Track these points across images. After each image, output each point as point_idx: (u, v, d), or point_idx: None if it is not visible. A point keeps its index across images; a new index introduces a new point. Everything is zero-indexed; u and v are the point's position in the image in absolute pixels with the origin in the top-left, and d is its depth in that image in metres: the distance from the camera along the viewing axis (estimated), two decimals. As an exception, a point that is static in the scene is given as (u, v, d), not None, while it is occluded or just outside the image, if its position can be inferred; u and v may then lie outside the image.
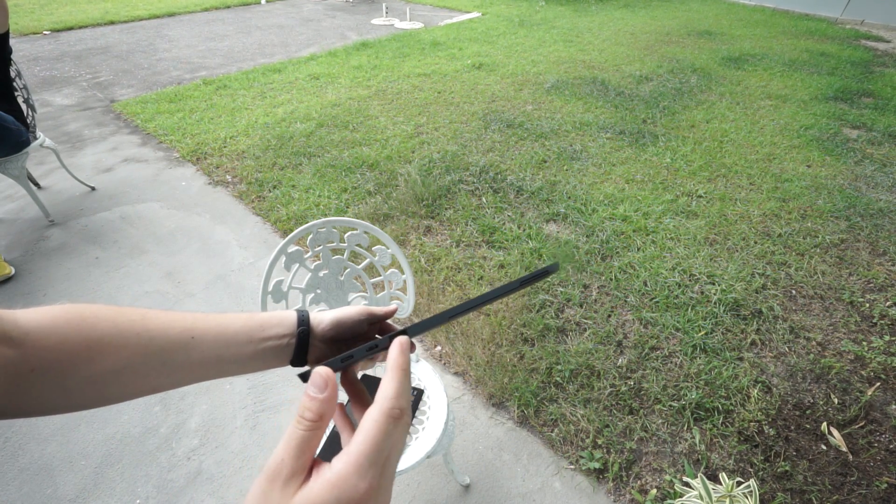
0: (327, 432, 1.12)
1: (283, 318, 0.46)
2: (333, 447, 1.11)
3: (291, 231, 1.29)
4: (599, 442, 1.52)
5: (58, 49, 5.36)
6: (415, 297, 1.24)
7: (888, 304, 2.07)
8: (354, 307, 0.48)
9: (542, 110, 3.87)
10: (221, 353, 0.42)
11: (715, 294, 2.06)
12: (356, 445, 0.25)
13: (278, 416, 1.60)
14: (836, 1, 8.09)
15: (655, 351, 1.82)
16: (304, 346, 0.45)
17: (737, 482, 1.21)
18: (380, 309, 0.48)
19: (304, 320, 0.46)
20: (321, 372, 0.29)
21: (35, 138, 2.40)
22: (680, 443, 1.53)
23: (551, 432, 1.55)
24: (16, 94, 2.31)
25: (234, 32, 6.24)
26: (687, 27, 6.79)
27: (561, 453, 1.51)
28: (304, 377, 0.35)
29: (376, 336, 0.50)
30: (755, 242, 2.41)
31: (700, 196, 2.77)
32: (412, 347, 0.35)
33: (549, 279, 2.13)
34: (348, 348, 0.47)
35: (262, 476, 0.26)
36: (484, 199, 2.68)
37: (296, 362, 0.46)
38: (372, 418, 0.27)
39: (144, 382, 0.40)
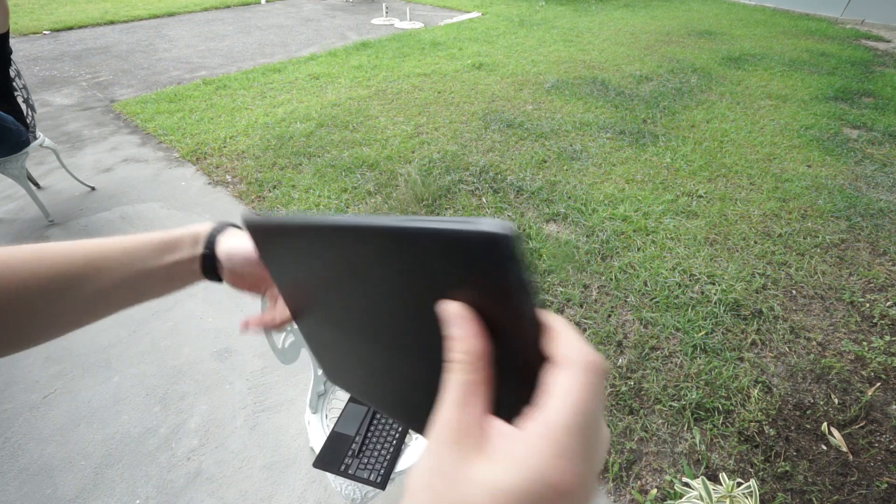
0: (326, 432, 1.12)
1: (195, 236, 0.45)
2: (336, 448, 1.09)
3: (291, 231, 1.29)
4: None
5: (57, 49, 5.36)
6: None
7: (888, 304, 2.07)
8: (248, 247, 0.44)
9: (542, 110, 3.86)
10: (133, 280, 0.42)
11: (715, 294, 2.06)
12: (556, 414, 0.18)
13: (278, 416, 1.60)
14: (836, 1, 8.09)
15: (655, 351, 1.82)
16: (211, 269, 0.45)
17: (737, 482, 1.21)
18: None
19: (210, 243, 0.45)
20: (451, 308, 0.22)
21: (35, 138, 2.40)
22: (680, 443, 1.53)
23: (551, 432, 1.55)
24: (15, 93, 2.31)
25: (234, 32, 6.24)
26: (687, 27, 6.79)
27: (561, 453, 1.50)
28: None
29: None
30: (755, 242, 2.41)
31: (700, 196, 2.77)
32: None
33: (550, 279, 2.13)
34: (255, 282, 0.47)
35: (430, 441, 0.20)
36: (484, 199, 2.68)
37: (211, 278, 0.46)
38: (572, 374, 0.19)
39: (56, 320, 0.39)
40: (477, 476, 0.18)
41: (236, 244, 0.45)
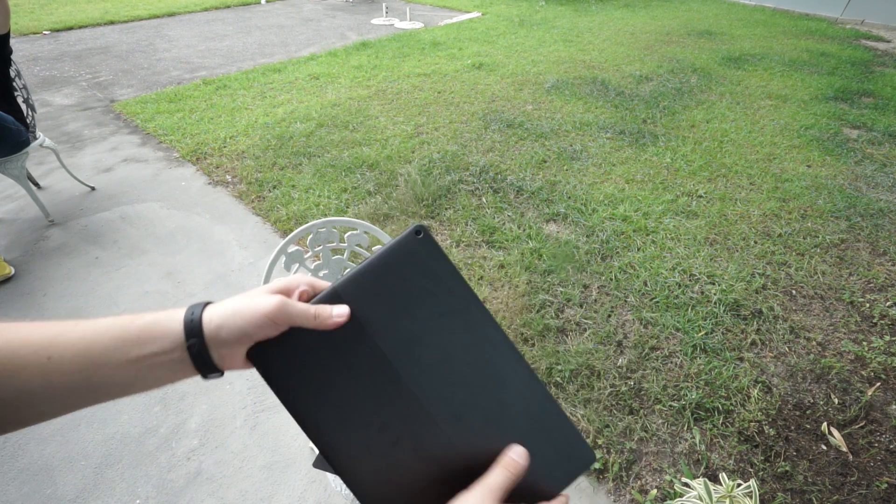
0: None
1: (166, 327, 0.36)
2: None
3: (291, 231, 1.29)
4: (599, 442, 1.52)
5: (58, 49, 5.36)
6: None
7: (888, 304, 2.07)
8: (257, 303, 0.36)
9: (542, 110, 3.86)
10: (90, 376, 0.34)
11: (715, 294, 2.06)
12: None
13: (278, 416, 1.60)
14: (836, 1, 8.09)
15: (655, 351, 1.82)
16: (203, 357, 0.36)
17: (737, 483, 1.21)
18: (294, 309, 0.37)
19: (193, 329, 0.35)
20: (516, 454, 0.37)
21: (35, 138, 2.40)
22: (680, 443, 1.53)
23: (551, 432, 1.55)
24: (15, 93, 2.31)
25: (234, 32, 6.24)
26: (687, 27, 6.79)
27: (561, 453, 1.50)
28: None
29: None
30: (755, 242, 2.41)
31: (700, 196, 2.77)
32: None
33: (550, 279, 2.13)
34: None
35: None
36: (484, 199, 2.68)
37: (206, 373, 0.37)
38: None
39: None
40: None
41: (222, 309, 0.37)
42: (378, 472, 0.37)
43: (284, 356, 0.37)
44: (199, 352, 0.35)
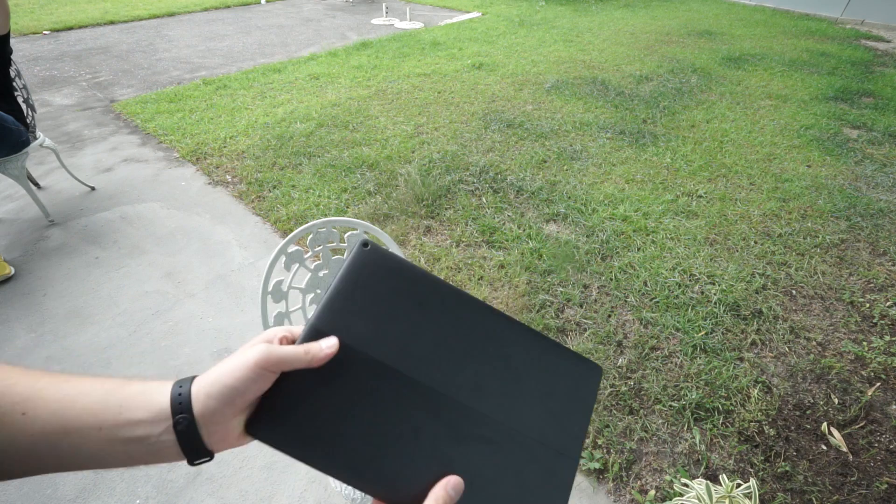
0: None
1: (150, 398, 0.32)
2: None
3: (291, 231, 1.29)
4: (599, 442, 1.52)
5: (58, 49, 5.36)
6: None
7: (888, 304, 2.07)
8: (245, 356, 0.33)
9: (542, 110, 3.86)
10: (58, 441, 0.30)
11: (715, 294, 2.06)
12: None
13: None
14: (836, 1, 8.08)
15: (655, 351, 1.82)
16: (191, 435, 0.32)
17: (737, 483, 1.21)
18: (282, 351, 0.34)
19: (181, 405, 0.32)
20: (458, 486, 0.35)
21: (35, 138, 2.40)
22: (680, 443, 1.53)
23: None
24: (15, 93, 2.31)
25: (234, 32, 6.24)
26: (687, 27, 6.79)
27: (561, 453, 1.50)
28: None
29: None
30: (755, 242, 2.41)
31: (700, 196, 2.77)
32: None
33: (550, 279, 2.13)
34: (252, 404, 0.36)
35: None
36: (484, 199, 2.68)
37: (195, 457, 0.33)
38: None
39: None
40: None
41: (209, 376, 0.33)
42: (432, 472, 0.36)
43: (287, 415, 0.35)
44: (186, 428, 0.32)
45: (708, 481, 1.20)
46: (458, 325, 0.41)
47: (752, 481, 1.20)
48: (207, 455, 0.33)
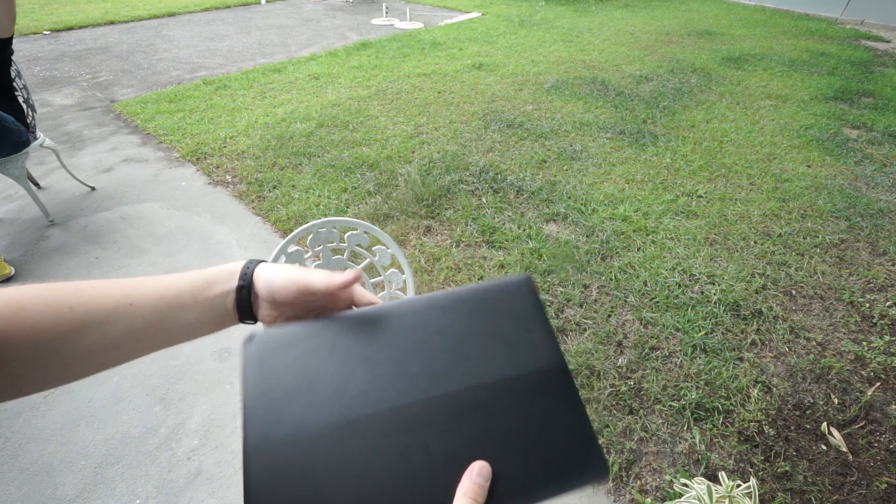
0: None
1: (231, 271, 0.42)
2: None
3: (291, 231, 1.30)
4: (599, 442, 1.52)
5: (58, 49, 5.36)
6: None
7: (888, 304, 2.07)
8: (290, 272, 0.42)
9: (542, 110, 3.87)
10: (166, 316, 0.39)
11: (715, 294, 2.06)
12: None
13: (278, 416, 1.60)
14: (836, 1, 8.09)
15: (655, 351, 1.82)
16: (246, 303, 0.42)
17: (737, 483, 1.21)
18: (318, 282, 0.41)
19: (245, 275, 0.42)
20: (484, 470, 0.33)
21: (35, 138, 2.40)
22: (680, 443, 1.53)
23: (551, 432, 1.55)
24: (16, 93, 2.31)
25: (234, 32, 6.24)
26: (687, 27, 6.79)
27: (561, 453, 1.50)
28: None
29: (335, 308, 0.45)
30: (755, 242, 2.41)
31: (700, 196, 2.77)
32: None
33: (550, 279, 2.13)
34: (295, 312, 0.43)
35: None
36: (484, 199, 2.68)
37: (246, 319, 0.43)
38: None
39: (89, 360, 0.37)
40: None
41: (276, 272, 0.42)
42: (447, 477, 0.34)
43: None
44: (242, 296, 0.42)
45: (708, 481, 1.20)
46: (377, 339, 0.40)
47: (752, 481, 1.20)
48: (252, 318, 0.43)
